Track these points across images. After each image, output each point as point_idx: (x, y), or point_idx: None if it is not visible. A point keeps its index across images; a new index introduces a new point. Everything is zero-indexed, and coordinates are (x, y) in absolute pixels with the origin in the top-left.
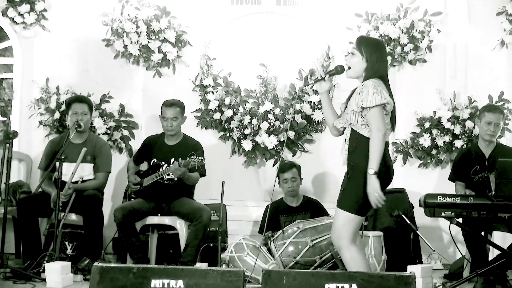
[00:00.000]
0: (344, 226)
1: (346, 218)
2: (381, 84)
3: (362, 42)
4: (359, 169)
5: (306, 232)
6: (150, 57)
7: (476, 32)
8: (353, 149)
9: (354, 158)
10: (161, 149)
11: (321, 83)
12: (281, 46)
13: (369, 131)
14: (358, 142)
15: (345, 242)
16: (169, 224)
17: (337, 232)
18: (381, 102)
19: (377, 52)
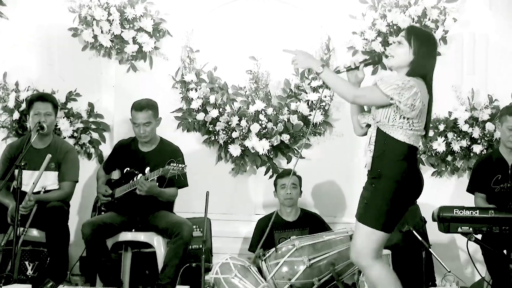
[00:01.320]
0: (366, 243)
1: (369, 235)
2: (418, 87)
3: (412, 32)
4: (386, 178)
5: (303, 251)
6: (124, 48)
7: (497, 21)
8: (380, 153)
9: (381, 164)
10: (135, 156)
11: (353, 73)
12: (274, 36)
13: (402, 133)
14: (387, 146)
15: (368, 260)
16: (144, 241)
17: (358, 250)
18: (388, 94)
19: (428, 47)
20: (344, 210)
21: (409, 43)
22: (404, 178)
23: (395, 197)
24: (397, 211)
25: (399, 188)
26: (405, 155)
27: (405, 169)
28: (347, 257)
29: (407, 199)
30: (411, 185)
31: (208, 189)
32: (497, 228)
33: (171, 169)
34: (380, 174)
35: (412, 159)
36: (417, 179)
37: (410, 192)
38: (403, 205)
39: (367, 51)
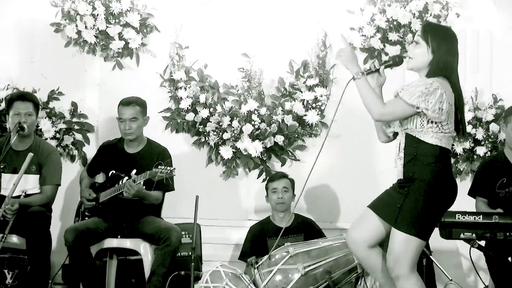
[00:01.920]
0: (402, 251)
1: (406, 241)
2: (443, 87)
3: (429, 30)
4: (421, 182)
5: (298, 258)
6: (109, 45)
7: (503, 17)
8: (411, 158)
9: (413, 168)
10: (121, 158)
11: (374, 76)
12: (267, 32)
13: (432, 136)
14: (418, 149)
15: (404, 270)
16: (130, 248)
17: (395, 258)
18: (413, 104)
19: (448, 44)
20: (340, 215)
21: (427, 42)
22: (437, 181)
23: (429, 201)
24: (432, 216)
25: (433, 191)
26: (437, 158)
27: (438, 171)
28: (344, 265)
29: (442, 203)
30: (446, 188)
31: (198, 193)
32: (502, 234)
33: (159, 172)
34: (413, 178)
35: (445, 161)
36: (452, 182)
37: (445, 195)
38: (438, 209)
39: (366, 48)
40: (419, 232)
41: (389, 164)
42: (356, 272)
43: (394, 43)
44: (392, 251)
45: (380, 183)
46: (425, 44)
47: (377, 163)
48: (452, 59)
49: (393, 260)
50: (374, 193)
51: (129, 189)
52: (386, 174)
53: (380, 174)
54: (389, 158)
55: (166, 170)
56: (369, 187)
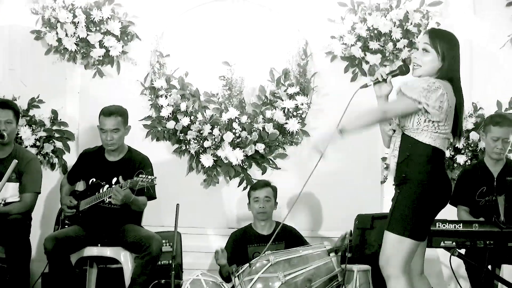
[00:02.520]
0: (394, 251)
1: (397, 242)
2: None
3: (437, 36)
4: (412, 182)
5: (278, 266)
6: (90, 53)
7: (482, 26)
8: (404, 158)
9: (405, 169)
10: (101, 166)
11: (381, 86)
12: (248, 41)
13: (426, 136)
14: (412, 149)
15: (395, 270)
16: (111, 257)
17: (386, 258)
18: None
19: (454, 50)
20: (322, 223)
21: (436, 49)
22: (429, 181)
23: (420, 201)
24: (424, 215)
25: (424, 191)
26: (430, 158)
27: (430, 171)
28: (324, 273)
29: (434, 203)
30: (438, 188)
31: (179, 201)
32: (482, 243)
33: (140, 180)
34: (406, 179)
35: (438, 162)
36: (445, 183)
37: (437, 195)
38: (430, 209)
39: (346, 56)
40: (411, 232)
41: (371, 173)
42: (337, 280)
43: (375, 51)
44: (383, 251)
45: (362, 192)
46: (434, 51)
47: (359, 172)
48: (457, 66)
49: (384, 260)
50: (355, 202)
51: (116, 194)
52: (367, 183)
53: (362, 183)
54: (371, 167)
55: (147, 179)
56: (351, 195)
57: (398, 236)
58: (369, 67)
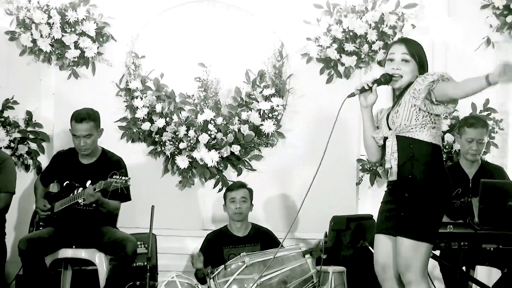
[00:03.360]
0: (413, 257)
1: (414, 248)
2: None
3: (412, 46)
4: (420, 183)
5: (253, 268)
6: (65, 54)
7: (457, 28)
8: (408, 159)
9: (410, 170)
10: (75, 168)
11: (366, 95)
12: (224, 42)
13: (426, 133)
14: (415, 150)
15: (416, 276)
16: (86, 258)
17: (405, 264)
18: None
19: (425, 56)
20: (297, 224)
21: (414, 59)
22: (438, 181)
23: (432, 203)
24: (438, 218)
25: (434, 192)
26: (433, 156)
27: (437, 170)
28: (299, 274)
29: (444, 203)
30: (445, 187)
31: (154, 203)
32: (456, 244)
33: (114, 181)
34: (413, 181)
35: (440, 159)
36: (448, 179)
37: (445, 194)
38: (441, 209)
39: (322, 58)
40: (427, 236)
41: (346, 175)
42: (312, 281)
43: (350, 53)
44: (401, 257)
45: (337, 193)
46: (413, 60)
47: (334, 174)
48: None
49: (404, 266)
50: (330, 203)
51: (89, 197)
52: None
53: (337, 184)
54: (346, 168)
55: (121, 180)
56: (326, 197)
57: (415, 241)
58: (344, 69)
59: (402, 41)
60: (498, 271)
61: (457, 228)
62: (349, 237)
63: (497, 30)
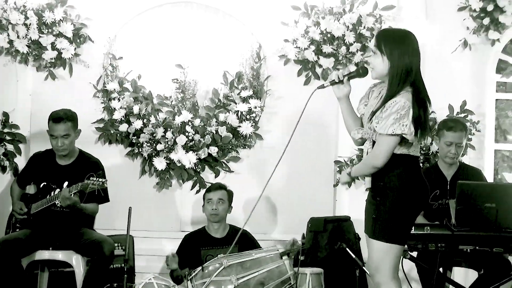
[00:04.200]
0: (382, 259)
1: (384, 250)
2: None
3: (381, 37)
4: (391, 189)
5: (231, 269)
6: (42, 55)
7: (434, 31)
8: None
9: (382, 178)
10: (52, 169)
11: (339, 86)
12: (202, 44)
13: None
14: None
15: (385, 277)
16: (62, 260)
17: (375, 266)
18: (392, 133)
19: (401, 47)
20: (275, 226)
21: (380, 51)
22: (407, 187)
23: (401, 208)
24: (406, 221)
25: (403, 197)
26: (405, 165)
27: (406, 177)
28: (277, 276)
29: (413, 208)
30: (415, 193)
31: (131, 204)
32: (433, 245)
33: (91, 183)
34: (383, 188)
35: (413, 166)
36: (421, 186)
37: (415, 200)
38: (411, 214)
39: (300, 60)
40: (395, 238)
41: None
42: (289, 283)
43: (328, 55)
44: (371, 259)
45: (315, 195)
46: (379, 53)
47: (312, 175)
48: (409, 60)
49: (373, 268)
50: (308, 205)
51: (64, 200)
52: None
53: (315, 186)
54: (323, 170)
55: (98, 182)
56: (304, 198)
57: (384, 243)
58: (322, 71)
59: (376, 34)
60: (475, 272)
61: (434, 229)
62: (327, 238)
63: (474, 32)
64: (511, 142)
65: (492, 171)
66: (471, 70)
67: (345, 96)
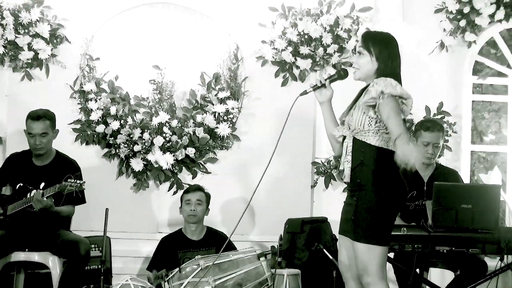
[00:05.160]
0: (368, 260)
1: (367, 251)
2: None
3: (369, 38)
4: (369, 189)
5: (208, 271)
6: (18, 55)
7: (411, 32)
8: (358, 163)
9: (360, 175)
10: (29, 170)
11: (321, 91)
12: (179, 45)
13: (378, 139)
14: (365, 155)
15: (373, 278)
16: (39, 262)
17: (362, 267)
18: (396, 93)
19: (388, 49)
20: (253, 227)
21: (369, 51)
22: (386, 186)
23: (380, 207)
24: (386, 221)
25: (382, 196)
26: (383, 161)
27: (385, 176)
28: (254, 277)
29: (393, 207)
30: (394, 191)
31: (108, 205)
32: (410, 246)
33: (69, 185)
34: (361, 185)
35: (391, 164)
36: (400, 185)
37: (395, 199)
38: (390, 214)
39: (277, 61)
40: (378, 239)
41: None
42: (266, 284)
43: (306, 56)
44: (358, 260)
45: (292, 196)
46: (367, 53)
47: (289, 176)
48: (395, 63)
49: (361, 269)
50: (285, 206)
51: (36, 204)
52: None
53: (292, 187)
54: (301, 171)
55: (76, 184)
56: (281, 200)
57: (368, 245)
58: (299, 72)
59: (362, 34)
60: (451, 273)
61: (411, 230)
62: (304, 239)
63: (451, 34)
64: (487, 143)
65: (468, 173)
66: (448, 71)
67: (327, 100)
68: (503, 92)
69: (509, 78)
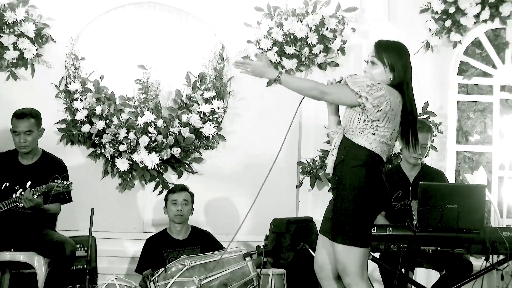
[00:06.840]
0: (347, 261)
1: (345, 252)
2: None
3: (383, 48)
4: (345, 186)
5: (194, 270)
6: (3, 55)
7: (396, 32)
8: (341, 160)
9: (340, 172)
10: (15, 170)
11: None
12: (165, 44)
13: (363, 138)
14: (348, 152)
15: (353, 278)
16: (24, 261)
17: (342, 268)
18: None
19: (402, 60)
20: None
21: (382, 62)
22: (364, 186)
23: (357, 208)
24: (363, 222)
25: (359, 196)
26: (365, 162)
27: (364, 176)
28: (240, 277)
29: (371, 208)
30: (373, 193)
31: (93, 205)
32: (395, 246)
33: (56, 185)
34: (339, 182)
35: (374, 166)
36: (380, 188)
37: (372, 201)
38: (368, 215)
39: None
40: (355, 240)
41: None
42: (252, 284)
43: (291, 56)
44: (337, 261)
45: (278, 196)
46: (381, 64)
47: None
48: (409, 73)
49: (341, 269)
50: (271, 206)
51: (26, 202)
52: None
53: (278, 187)
54: (287, 171)
55: (63, 184)
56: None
57: (346, 246)
58: (285, 72)
59: (374, 44)
60: (437, 273)
61: (396, 230)
62: (289, 239)
63: (436, 34)
64: (472, 143)
65: (453, 172)
66: (433, 71)
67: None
68: (488, 92)
69: (494, 78)
